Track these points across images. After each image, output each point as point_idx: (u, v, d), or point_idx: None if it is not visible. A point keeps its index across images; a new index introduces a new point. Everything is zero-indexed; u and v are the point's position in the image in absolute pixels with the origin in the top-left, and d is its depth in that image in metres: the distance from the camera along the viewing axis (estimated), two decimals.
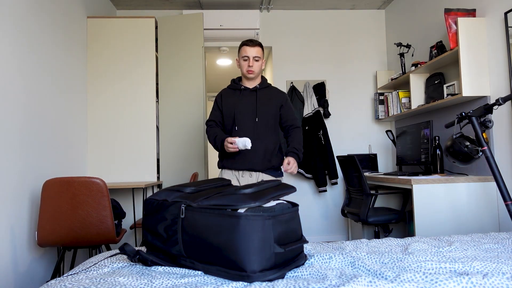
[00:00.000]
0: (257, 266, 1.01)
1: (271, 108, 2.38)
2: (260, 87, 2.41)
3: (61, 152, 2.94)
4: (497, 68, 2.70)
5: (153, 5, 4.29)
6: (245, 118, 2.35)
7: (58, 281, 1.03)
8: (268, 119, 2.36)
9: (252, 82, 2.41)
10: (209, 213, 1.08)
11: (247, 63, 2.33)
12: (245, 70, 2.35)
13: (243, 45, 2.35)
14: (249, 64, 2.32)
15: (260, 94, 2.39)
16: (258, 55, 2.33)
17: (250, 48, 2.32)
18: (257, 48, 2.33)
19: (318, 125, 4.19)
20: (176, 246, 1.14)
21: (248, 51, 2.32)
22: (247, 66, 2.34)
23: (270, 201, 1.13)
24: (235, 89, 2.44)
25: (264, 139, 2.33)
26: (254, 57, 2.33)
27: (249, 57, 2.32)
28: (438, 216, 2.60)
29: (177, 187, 1.26)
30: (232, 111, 2.37)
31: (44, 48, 2.72)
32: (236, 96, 2.41)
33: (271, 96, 2.41)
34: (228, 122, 2.39)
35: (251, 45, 2.33)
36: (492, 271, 1.11)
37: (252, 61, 2.32)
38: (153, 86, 3.60)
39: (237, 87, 2.43)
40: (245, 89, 2.40)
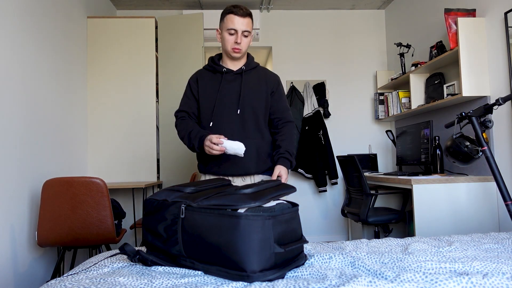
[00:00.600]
0: (257, 266, 1.01)
1: (261, 95, 1.86)
2: (247, 69, 1.88)
3: (61, 152, 2.94)
4: (497, 68, 2.70)
5: (153, 5, 4.29)
6: (228, 111, 1.84)
7: (58, 281, 1.03)
8: (259, 111, 1.85)
9: (237, 63, 1.88)
10: (209, 213, 1.08)
11: (233, 38, 1.78)
12: (229, 48, 1.80)
13: (229, 13, 1.77)
14: (237, 40, 1.77)
15: (246, 79, 1.87)
16: (248, 29, 1.78)
17: (239, 18, 1.75)
18: (247, 19, 1.77)
19: (318, 125, 4.19)
20: (176, 246, 1.14)
21: (236, 23, 1.75)
22: (233, 43, 1.79)
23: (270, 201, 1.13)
24: (214, 72, 1.89)
25: (255, 136, 1.84)
26: (244, 32, 1.78)
27: (237, 30, 1.76)
28: (438, 216, 2.60)
29: (177, 187, 1.26)
30: (212, 101, 1.84)
31: (44, 48, 2.72)
32: (216, 80, 1.87)
33: (259, 80, 1.89)
34: (206, 115, 1.86)
35: (240, 14, 1.75)
36: (492, 271, 1.11)
37: (240, 37, 1.77)
38: (153, 86, 3.60)
39: (218, 69, 1.87)
40: (227, 72, 1.86)
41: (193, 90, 1.92)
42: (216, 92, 1.85)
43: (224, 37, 1.81)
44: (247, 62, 1.91)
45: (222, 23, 1.82)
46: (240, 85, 1.85)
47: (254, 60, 1.95)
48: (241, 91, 1.84)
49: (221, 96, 1.84)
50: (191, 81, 1.94)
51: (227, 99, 1.84)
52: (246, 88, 1.85)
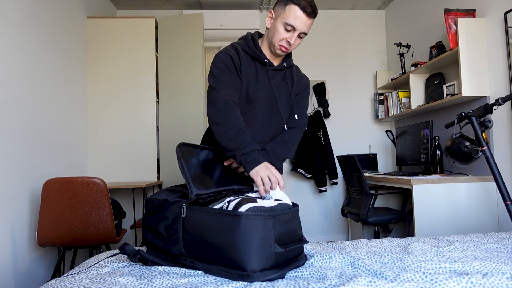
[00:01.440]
0: (258, 266, 1.01)
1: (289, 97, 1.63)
2: (287, 66, 1.62)
3: (61, 152, 2.94)
4: (497, 68, 2.70)
5: (153, 5, 4.29)
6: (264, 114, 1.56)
7: (58, 281, 1.04)
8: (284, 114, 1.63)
9: (277, 58, 1.61)
10: (209, 212, 1.08)
11: (288, 36, 1.48)
12: (277, 43, 1.50)
13: (296, 4, 1.44)
14: (291, 39, 1.48)
15: (288, 77, 1.62)
16: (307, 31, 1.50)
17: (304, 17, 1.45)
18: (311, 20, 1.48)
19: (318, 125, 4.19)
20: (177, 246, 1.14)
21: (299, 21, 1.45)
22: (284, 40, 1.49)
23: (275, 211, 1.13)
24: (253, 58, 1.56)
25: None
26: (301, 33, 1.49)
27: (296, 29, 1.47)
28: (438, 216, 2.61)
29: (178, 187, 1.27)
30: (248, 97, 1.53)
31: (44, 48, 2.72)
32: (259, 71, 1.55)
33: (293, 80, 1.64)
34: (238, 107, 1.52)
35: (308, 12, 1.45)
36: (491, 271, 1.11)
37: (295, 37, 1.49)
38: (153, 86, 3.60)
39: (259, 57, 1.54)
40: (269, 65, 1.56)
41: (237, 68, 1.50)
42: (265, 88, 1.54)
43: (277, 29, 1.48)
44: (288, 59, 1.62)
45: (282, 11, 1.47)
46: (286, 85, 1.60)
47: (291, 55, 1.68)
48: (291, 93, 1.59)
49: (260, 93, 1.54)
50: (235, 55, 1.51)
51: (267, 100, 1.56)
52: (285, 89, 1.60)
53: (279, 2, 1.51)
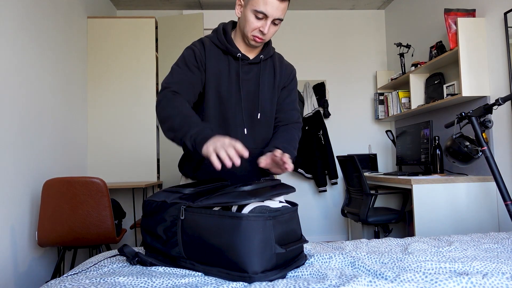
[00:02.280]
0: (259, 267, 1.01)
1: (275, 94, 1.48)
2: (265, 58, 1.46)
3: (61, 152, 2.94)
4: (497, 68, 2.70)
5: (153, 5, 4.29)
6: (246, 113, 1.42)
7: (58, 281, 1.03)
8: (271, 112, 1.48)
9: (253, 49, 1.44)
10: (209, 214, 1.07)
11: (259, 24, 1.33)
12: (250, 34, 1.35)
13: None
14: (264, 28, 1.33)
15: (263, 72, 1.46)
16: (282, 16, 1.33)
17: (275, 1, 1.28)
18: (285, 4, 1.31)
19: (318, 125, 4.19)
20: (176, 248, 1.13)
21: (269, 6, 1.29)
22: (257, 30, 1.34)
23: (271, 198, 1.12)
24: (225, 53, 1.41)
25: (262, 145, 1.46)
26: (275, 20, 1.33)
27: (268, 16, 1.31)
28: (438, 216, 2.61)
29: (176, 188, 1.25)
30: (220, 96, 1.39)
31: (44, 48, 2.72)
32: (230, 67, 1.41)
33: (274, 72, 1.47)
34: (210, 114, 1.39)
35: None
36: (491, 271, 1.11)
37: (269, 25, 1.33)
38: (153, 86, 3.60)
39: (231, 51, 1.40)
40: (243, 59, 1.41)
41: (200, 65, 1.36)
42: (236, 85, 1.40)
43: (247, 18, 1.33)
44: (266, 50, 1.46)
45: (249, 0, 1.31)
46: (258, 80, 1.43)
47: (271, 44, 1.50)
48: (259, 89, 1.42)
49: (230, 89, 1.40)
50: (198, 51, 1.38)
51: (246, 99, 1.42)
52: (264, 84, 1.44)
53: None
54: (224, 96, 1.40)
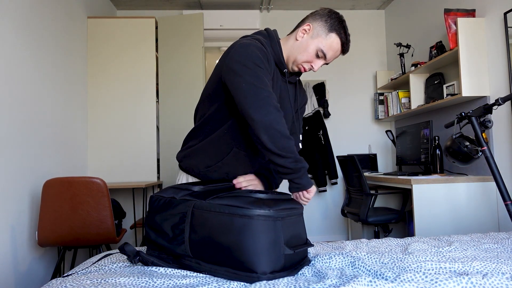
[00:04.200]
0: (268, 268, 1.00)
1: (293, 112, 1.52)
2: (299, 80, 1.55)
3: (61, 152, 2.94)
4: (496, 68, 2.71)
5: (153, 5, 4.29)
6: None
7: (59, 281, 1.04)
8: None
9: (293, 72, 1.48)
10: (219, 212, 1.06)
11: (314, 61, 1.39)
12: (301, 62, 1.40)
13: (340, 37, 1.36)
14: (315, 66, 1.40)
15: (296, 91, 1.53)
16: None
17: (339, 52, 1.40)
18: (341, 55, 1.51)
19: (318, 125, 4.19)
20: (182, 246, 1.12)
21: (334, 54, 1.39)
22: (309, 63, 1.40)
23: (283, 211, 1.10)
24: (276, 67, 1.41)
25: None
26: (328, 63, 1.43)
27: (326, 59, 1.39)
28: (438, 216, 2.61)
29: (184, 185, 1.25)
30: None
31: (44, 48, 2.72)
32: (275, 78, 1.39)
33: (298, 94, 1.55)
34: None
35: (343, 50, 1.40)
36: (491, 271, 1.11)
37: (319, 65, 1.41)
38: (153, 86, 3.60)
39: (282, 64, 1.41)
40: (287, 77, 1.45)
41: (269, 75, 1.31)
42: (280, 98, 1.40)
43: (308, 50, 1.36)
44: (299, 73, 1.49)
45: (323, 35, 1.35)
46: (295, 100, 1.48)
47: None
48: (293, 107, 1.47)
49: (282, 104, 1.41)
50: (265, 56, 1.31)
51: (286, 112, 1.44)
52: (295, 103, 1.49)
53: (322, 23, 1.36)
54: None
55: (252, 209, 1.02)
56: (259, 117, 1.17)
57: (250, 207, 1.02)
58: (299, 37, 1.39)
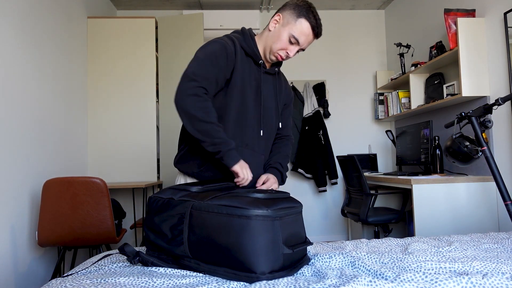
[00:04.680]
0: (267, 267, 1.00)
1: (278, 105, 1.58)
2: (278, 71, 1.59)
3: (61, 152, 2.94)
4: (496, 68, 2.71)
5: (153, 5, 4.29)
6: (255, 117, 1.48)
7: (59, 281, 1.04)
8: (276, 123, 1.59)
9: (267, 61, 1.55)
10: (218, 213, 1.06)
11: (289, 48, 1.45)
12: (276, 50, 1.46)
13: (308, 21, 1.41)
14: (290, 52, 1.46)
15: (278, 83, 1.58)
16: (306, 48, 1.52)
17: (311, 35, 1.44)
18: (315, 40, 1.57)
19: (318, 125, 4.19)
20: (181, 246, 1.12)
21: (306, 38, 1.44)
22: (284, 52, 1.46)
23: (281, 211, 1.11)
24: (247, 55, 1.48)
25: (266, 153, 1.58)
26: (301, 49, 1.48)
27: (300, 45, 1.45)
28: (438, 216, 2.61)
29: (183, 186, 1.25)
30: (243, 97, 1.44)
31: (44, 48, 2.72)
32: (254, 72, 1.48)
33: (281, 88, 1.60)
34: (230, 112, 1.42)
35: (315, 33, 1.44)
36: (491, 271, 1.11)
37: (295, 52, 1.47)
38: (153, 86, 3.60)
39: (255, 56, 1.48)
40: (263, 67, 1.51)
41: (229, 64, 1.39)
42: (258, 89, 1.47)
43: (281, 37, 1.43)
44: (279, 64, 1.58)
45: (292, 22, 1.42)
46: (275, 90, 1.53)
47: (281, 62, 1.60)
48: (277, 99, 1.54)
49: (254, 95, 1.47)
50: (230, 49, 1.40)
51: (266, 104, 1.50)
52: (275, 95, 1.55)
53: (291, 11, 1.43)
54: (247, 97, 1.45)
55: (250, 209, 1.02)
56: (179, 102, 1.30)
57: (248, 207, 1.02)
58: (271, 28, 1.47)
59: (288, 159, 1.63)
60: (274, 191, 1.19)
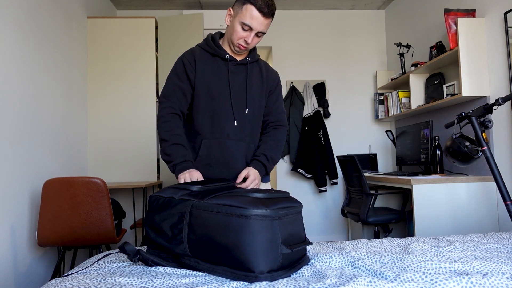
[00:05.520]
0: (265, 267, 1.00)
1: (262, 94, 1.65)
2: (251, 61, 1.64)
3: (61, 152, 2.94)
4: (496, 68, 2.71)
5: (153, 5, 4.29)
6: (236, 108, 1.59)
7: (59, 281, 1.04)
8: (259, 112, 1.66)
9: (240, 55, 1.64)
10: (217, 212, 1.06)
11: (245, 35, 1.52)
12: (236, 41, 1.54)
13: (253, 4, 1.47)
14: (248, 39, 1.52)
15: (250, 73, 1.63)
16: (265, 30, 1.53)
17: (261, 17, 1.48)
18: (269, 20, 1.51)
19: (318, 125, 4.19)
20: (181, 245, 1.12)
21: (255, 21, 1.48)
22: (243, 40, 1.53)
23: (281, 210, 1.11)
24: (213, 55, 1.60)
25: (250, 140, 1.64)
26: (258, 33, 1.53)
27: (253, 29, 1.50)
28: (438, 216, 2.61)
29: (183, 185, 1.25)
30: (216, 93, 1.56)
31: (44, 48, 2.72)
32: (220, 67, 1.59)
33: (261, 75, 1.66)
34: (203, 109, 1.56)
35: (264, 13, 1.48)
36: (491, 271, 1.11)
37: (252, 37, 1.52)
38: (153, 86, 3.60)
39: (219, 53, 1.58)
40: (230, 60, 1.59)
41: (188, 73, 1.56)
42: (225, 82, 1.57)
43: (235, 28, 1.52)
44: (252, 54, 1.65)
45: (240, 10, 1.50)
46: (245, 79, 1.61)
47: (256, 51, 1.69)
48: (247, 87, 1.60)
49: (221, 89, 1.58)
50: (186, 60, 1.57)
51: (235, 95, 1.58)
52: (250, 84, 1.62)
53: (237, 2, 1.52)
54: (214, 92, 1.57)
55: (249, 208, 1.02)
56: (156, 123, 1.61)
57: (247, 207, 1.03)
58: (227, 22, 1.59)
59: (278, 147, 1.67)
60: (274, 191, 1.19)
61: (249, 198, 1.07)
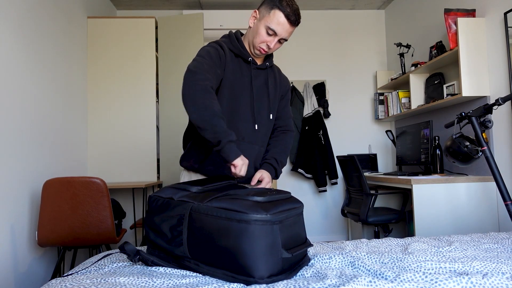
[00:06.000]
0: (265, 272, 1.00)
1: (276, 99, 1.66)
2: (270, 65, 1.65)
3: (61, 152, 2.94)
4: (496, 68, 2.71)
5: (153, 5, 4.29)
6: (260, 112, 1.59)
7: (59, 281, 1.04)
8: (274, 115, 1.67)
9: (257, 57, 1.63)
10: (217, 216, 1.05)
11: (268, 40, 1.51)
12: (258, 45, 1.53)
13: (281, 10, 1.46)
14: (271, 44, 1.52)
15: (269, 76, 1.64)
16: (287, 38, 1.54)
17: (287, 25, 1.48)
18: (293, 28, 1.52)
19: (318, 125, 4.19)
20: (181, 247, 1.11)
21: (281, 27, 1.48)
22: (265, 44, 1.52)
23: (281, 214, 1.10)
24: (236, 55, 1.58)
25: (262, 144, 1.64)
26: (281, 39, 1.53)
27: (278, 35, 1.50)
28: (438, 216, 2.61)
29: (183, 185, 1.24)
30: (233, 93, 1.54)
31: (44, 48, 2.72)
32: (243, 69, 1.57)
33: (275, 81, 1.67)
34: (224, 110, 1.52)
35: (291, 21, 1.48)
36: (491, 271, 1.11)
37: (275, 42, 1.53)
38: (153, 86, 3.60)
39: (243, 54, 1.57)
40: (253, 63, 1.59)
41: (222, 62, 1.50)
42: (248, 85, 1.56)
43: (259, 31, 1.50)
44: (270, 59, 1.65)
45: (267, 14, 1.49)
46: (265, 83, 1.60)
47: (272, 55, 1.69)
48: (268, 92, 1.60)
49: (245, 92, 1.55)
50: (221, 50, 1.51)
51: (256, 98, 1.57)
52: (270, 88, 1.61)
53: (265, 4, 1.51)
54: (237, 92, 1.54)
55: (249, 214, 1.01)
56: (186, 91, 1.35)
57: (247, 212, 1.01)
58: (251, 24, 1.56)
59: (286, 151, 1.68)
60: (274, 192, 1.18)
61: (249, 202, 1.05)
